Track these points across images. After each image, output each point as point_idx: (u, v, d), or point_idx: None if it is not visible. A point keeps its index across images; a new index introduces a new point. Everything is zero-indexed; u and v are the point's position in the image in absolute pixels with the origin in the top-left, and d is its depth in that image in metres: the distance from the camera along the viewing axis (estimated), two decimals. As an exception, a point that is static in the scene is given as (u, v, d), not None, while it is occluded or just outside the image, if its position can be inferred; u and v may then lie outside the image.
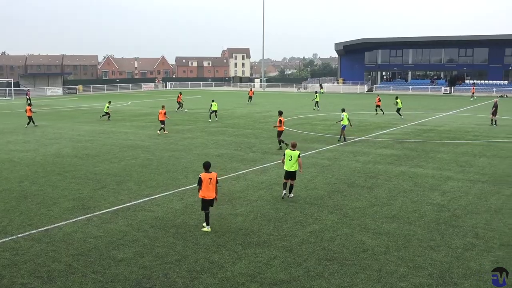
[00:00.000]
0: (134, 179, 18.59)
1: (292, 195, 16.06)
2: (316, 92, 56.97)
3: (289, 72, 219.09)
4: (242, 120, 39.74)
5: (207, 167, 12.81)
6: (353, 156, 23.28)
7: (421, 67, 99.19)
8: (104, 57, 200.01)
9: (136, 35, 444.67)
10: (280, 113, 26.41)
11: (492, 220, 13.65)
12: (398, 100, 41.53)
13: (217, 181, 12.83)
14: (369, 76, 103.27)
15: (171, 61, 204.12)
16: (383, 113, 44.58)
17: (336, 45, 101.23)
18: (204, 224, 12.92)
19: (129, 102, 63.49)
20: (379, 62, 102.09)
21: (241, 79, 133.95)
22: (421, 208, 14.80)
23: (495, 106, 36.85)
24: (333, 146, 26.28)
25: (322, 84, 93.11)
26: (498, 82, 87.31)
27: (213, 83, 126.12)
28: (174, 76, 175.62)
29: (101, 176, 19.11)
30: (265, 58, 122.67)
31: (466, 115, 44.36)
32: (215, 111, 40.11)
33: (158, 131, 31.36)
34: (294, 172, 15.76)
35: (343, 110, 29.43)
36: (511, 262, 10.74)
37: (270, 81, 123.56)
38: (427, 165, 21.33)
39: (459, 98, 71.95)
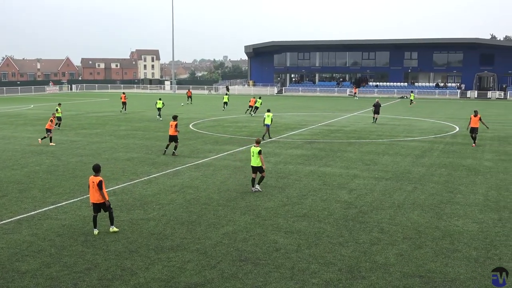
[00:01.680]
0: (38, 186, 17.71)
1: (259, 187, 17.09)
2: (226, 94, 58.55)
3: (200, 74, 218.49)
4: (152, 123, 39.09)
5: (95, 169, 12.90)
6: (264, 157, 23.59)
7: (328, 69, 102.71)
8: (3, 58, 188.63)
9: (38, 35, 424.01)
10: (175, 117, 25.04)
11: (395, 215, 14.39)
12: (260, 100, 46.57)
13: (100, 187, 12.54)
14: (279, 78, 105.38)
15: (77, 62, 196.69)
16: (252, 114, 45.93)
17: (246, 47, 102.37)
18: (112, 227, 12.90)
19: (32, 106, 60.40)
20: (288, 64, 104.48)
21: (151, 82, 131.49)
22: (330, 206, 15.31)
23: (376, 105, 39.79)
24: (245, 147, 26.53)
25: (228, 87, 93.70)
26: (398, 84, 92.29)
27: (122, 85, 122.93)
28: (80, 78, 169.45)
29: (2, 184, 18.02)
30: (175, 60, 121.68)
31: (370, 116, 46.45)
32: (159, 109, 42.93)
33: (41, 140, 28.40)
34: (259, 166, 16.79)
35: (268, 110, 30.74)
36: (414, 254, 11.38)
37: (181, 83, 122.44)
38: (335, 164, 22.10)
39: (363, 100, 75.19)
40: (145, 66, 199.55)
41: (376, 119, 39.91)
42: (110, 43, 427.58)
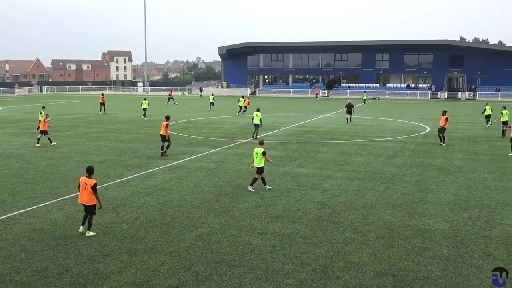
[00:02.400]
0: (8, 190, 17.35)
1: (269, 187, 17.54)
2: (212, 94, 60.13)
3: (173, 76, 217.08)
4: (125, 125, 38.72)
5: (89, 171, 12.84)
6: (238, 159, 23.63)
7: (301, 71, 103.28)
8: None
9: (6, 36, 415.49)
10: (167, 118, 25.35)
11: (368, 215, 14.55)
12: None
13: (94, 190, 12.52)
14: (252, 80, 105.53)
15: (47, 63, 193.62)
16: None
17: (219, 49, 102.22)
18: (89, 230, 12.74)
19: (1, 108, 59.21)
20: (261, 66, 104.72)
21: (123, 83, 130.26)
22: (304, 207, 15.39)
23: (348, 106, 41.32)
24: (218, 149, 26.48)
25: (202, 88, 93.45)
26: (370, 85, 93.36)
27: (94, 87, 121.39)
28: (50, 80, 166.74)
29: (-30, 188, 17.60)
30: (148, 61, 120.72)
31: (343, 117, 46.84)
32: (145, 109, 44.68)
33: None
34: (260, 167, 17.24)
35: (257, 110, 31.74)
36: (386, 253, 11.52)
37: (154, 84, 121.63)
38: (309, 165, 22.23)
39: (336, 100, 75.82)
40: (117, 67, 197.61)
41: (350, 119, 41.05)
42: (82, 44, 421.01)
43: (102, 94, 55.19)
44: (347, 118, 41.23)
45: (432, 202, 15.91)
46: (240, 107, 49.19)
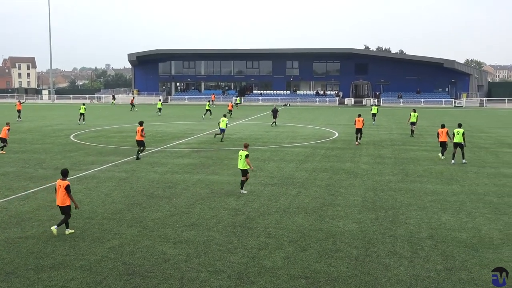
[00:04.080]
0: None
1: (245, 191, 18.01)
2: (160, 100, 64.75)
3: (81, 83, 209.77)
4: (29, 135, 36.82)
5: (63, 174, 13.52)
6: (151, 167, 23.22)
7: (213, 78, 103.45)
8: None
9: None
10: (141, 123, 26.36)
11: (281, 219, 14.81)
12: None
13: (68, 191, 13.15)
14: (164, 87, 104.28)
15: None
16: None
17: (129, 55, 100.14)
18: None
19: None
20: (173, 73, 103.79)
21: (26, 91, 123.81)
22: (218, 214, 15.39)
23: (274, 111, 44.75)
24: (130, 158, 25.87)
25: (114, 96, 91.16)
26: (281, 92, 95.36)
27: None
28: None
29: None
30: (53, 68, 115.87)
31: (255, 123, 47.49)
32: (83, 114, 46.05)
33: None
34: (244, 170, 17.82)
35: (224, 116, 34.69)
36: (299, 256, 11.77)
37: (60, 92, 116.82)
38: (222, 172, 22.28)
39: (249, 108, 76.64)
40: (20, 74, 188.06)
41: (275, 123, 44.07)
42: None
43: (19, 101, 53.98)
44: (274, 123, 44.12)
45: (341, 205, 16.48)
46: (207, 110, 53.81)
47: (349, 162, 24.91)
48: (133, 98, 73.63)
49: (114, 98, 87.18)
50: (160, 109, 61.21)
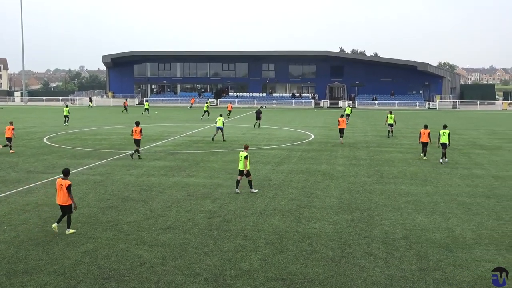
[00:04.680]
0: None
1: (255, 190, 18.53)
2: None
3: (54, 85, 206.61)
4: (1, 138, 36.07)
5: (65, 173, 13.67)
6: (126, 170, 23.00)
7: (189, 80, 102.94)
8: None
9: None
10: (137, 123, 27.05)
11: (258, 222, 14.82)
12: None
13: (69, 191, 13.27)
14: (139, 89, 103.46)
15: None
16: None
17: (104, 57, 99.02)
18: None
19: None
20: (148, 75, 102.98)
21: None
22: (194, 216, 15.33)
23: (258, 112, 46.01)
24: (105, 160, 25.59)
25: (91, 98, 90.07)
26: (258, 94, 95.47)
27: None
28: None
29: None
30: (26, 69, 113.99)
31: (232, 125, 47.41)
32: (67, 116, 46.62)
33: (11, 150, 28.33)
34: (247, 170, 18.27)
35: (220, 115, 35.58)
36: (276, 258, 11.80)
37: (33, 94, 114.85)
38: (199, 174, 22.20)
39: (225, 110, 76.46)
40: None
41: (259, 124, 45.25)
42: None
43: None
44: (257, 124, 45.28)
45: (317, 207, 16.57)
46: (206, 111, 55.64)
47: (325, 164, 25.06)
48: (126, 100, 73.04)
49: (91, 100, 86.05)
50: (147, 109, 63.10)
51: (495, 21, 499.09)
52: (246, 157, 18.23)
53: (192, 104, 77.67)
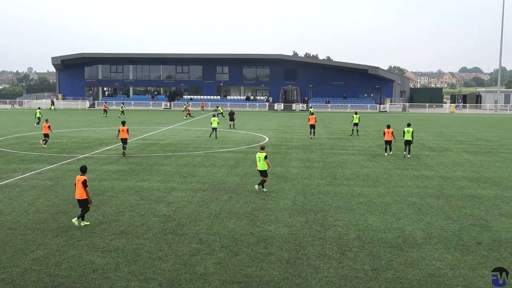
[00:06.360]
0: None
1: (265, 189, 19.16)
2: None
3: (1, 87, 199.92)
4: None
5: (82, 170, 14.78)
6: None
7: (142, 83, 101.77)
8: None
9: None
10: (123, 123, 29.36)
11: (213, 225, 14.76)
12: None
13: (84, 185, 14.27)
14: (90, 92, 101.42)
15: None
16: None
17: (53, 59, 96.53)
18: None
19: None
20: (100, 77, 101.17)
21: None
22: (148, 221, 15.13)
23: (231, 113, 48.30)
24: (55, 165, 24.93)
25: (53, 101, 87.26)
26: (212, 97, 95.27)
27: None
28: None
29: None
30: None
31: (186, 129, 47.13)
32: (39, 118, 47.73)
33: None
34: (265, 170, 18.99)
35: (213, 116, 38.73)
36: (231, 261, 11.78)
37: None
38: (152, 178, 21.93)
39: (178, 113, 75.90)
40: None
41: (234, 125, 47.38)
42: None
43: None
44: (232, 125, 47.40)
45: (272, 209, 16.65)
46: (221, 113, 61.19)
47: (279, 166, 25.22)
48: (105, 103, 73.54)
49: (53, 103, 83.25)
50: (123, 112, 66.63)
51: (443, 28, 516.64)
52: (265, 157, 19.01)
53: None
